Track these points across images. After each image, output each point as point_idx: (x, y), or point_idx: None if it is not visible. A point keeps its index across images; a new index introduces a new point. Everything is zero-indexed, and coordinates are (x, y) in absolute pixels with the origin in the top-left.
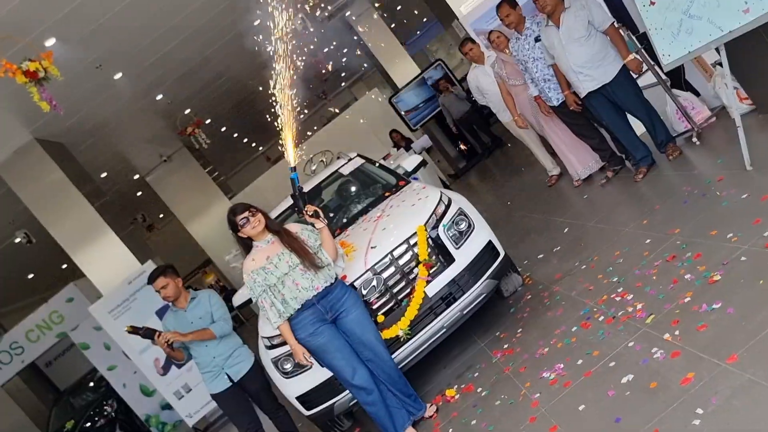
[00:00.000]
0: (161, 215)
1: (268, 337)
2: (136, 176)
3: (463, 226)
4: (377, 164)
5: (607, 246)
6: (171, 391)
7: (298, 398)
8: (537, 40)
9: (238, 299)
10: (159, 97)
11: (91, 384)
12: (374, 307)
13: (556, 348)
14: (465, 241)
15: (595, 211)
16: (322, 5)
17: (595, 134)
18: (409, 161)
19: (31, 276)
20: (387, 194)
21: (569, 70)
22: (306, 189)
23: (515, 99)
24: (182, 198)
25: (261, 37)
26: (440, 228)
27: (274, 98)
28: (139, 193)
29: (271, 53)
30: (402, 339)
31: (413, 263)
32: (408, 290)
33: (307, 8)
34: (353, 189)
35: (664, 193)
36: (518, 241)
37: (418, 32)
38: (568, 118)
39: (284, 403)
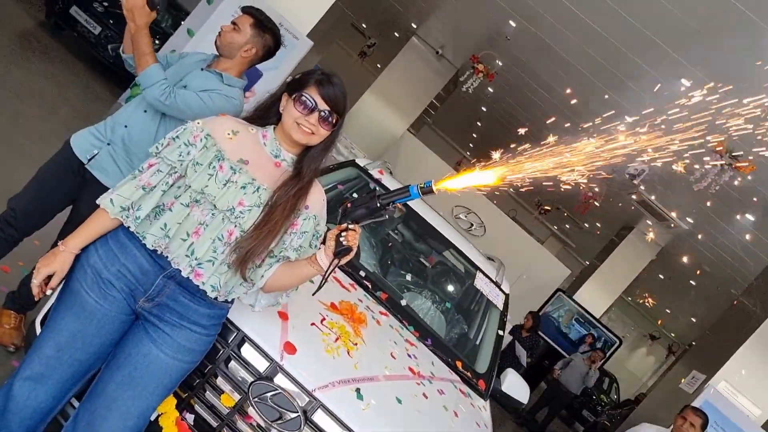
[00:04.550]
0: (378, 65)
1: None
2: (414, 25)
3: None
4: (501, 332)
5: None
6: None
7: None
8: None
9: None
10: (512, 23)
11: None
12: (248, 423)
13: None
14: None
15: None
16: (651, 191)
17: None
18: (514, 382)
19: None
20: (459, 366)
21: None
22: (429, 231)
23: None
24: (397, 81)
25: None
26: None
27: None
28: (396, 34)
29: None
30: None
31: None
32: None
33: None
34: (453, 297)
35: None
36: None
37: (630, 298)
38: None
39: None
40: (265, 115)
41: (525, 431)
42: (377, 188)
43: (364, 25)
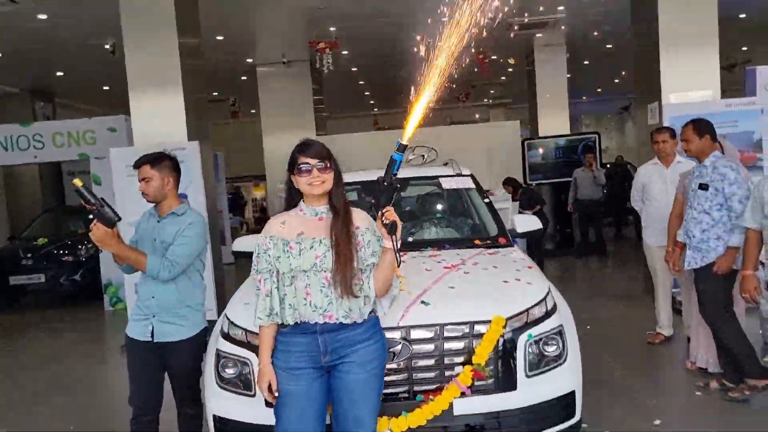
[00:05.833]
0: (252, 111)
1: (230, 321)
2: (250, 60)
3: (552, 350)
4: (487, 199)
5: None
6: (133, 280)
7: (215, 419)
8: (702, 187)
9: (240, 245)
10: None
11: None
12: None
13: None
14: (543, 372)
15: (708, 426)
16: (522, 13)
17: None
18: (524, 220)
19: (105, 88)
20: (478, 242)
21: None
22: (373, 177)
23: None
24: (277, 107)
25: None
26: (523, 336)
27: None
28: (243, 78)
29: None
30: None
31: (461, 358)
32: (433, 387)
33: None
34: (441, 209)
35: None
36: (584, 393)
37: (584, 97)
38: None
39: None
40: (292, 200)
41: (593, 258)
42: (379, 176)
43: (216, 94)
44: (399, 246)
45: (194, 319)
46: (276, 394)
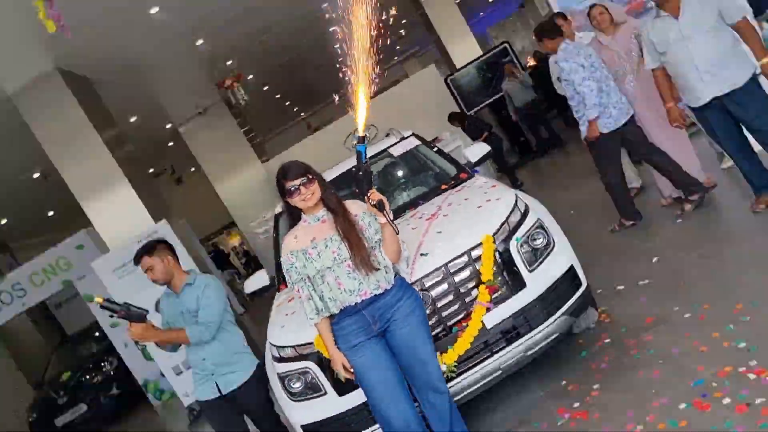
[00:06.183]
0: (192, 169)
1: (276, 346)
2: (169, 125)
3: (540, 242)
4: (435, 148)
5: (722, 293)
6: (170, 365)
7: (304, 428)
8: (559, 80)
9: (251, 285)
10: (199, 42)
11: (97, 334)
12: None
13: (656, 429)
14: (541, 262)
15: (696, 242)
16: None
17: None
18: (473, 150)
19: (51, 213)
20: (444, 187)
21: (689, 71)
22: (343, 169)
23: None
24: (214, 155)
25: None
26: (512, 242)
27: (338, 59)
28: (170, 144)
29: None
30: (444, 376)
31: (472, 283)
32: (461, 315)
33: None
34: (402, 174)
35: None
36: (588, 264)
37: (481, 13)
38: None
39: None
40: (294, 217)
41: (554, 153)
42: (352, 166)
43: (153, 169)
44: (392, 217)
45: (246, 360)
46: (352, 370)
